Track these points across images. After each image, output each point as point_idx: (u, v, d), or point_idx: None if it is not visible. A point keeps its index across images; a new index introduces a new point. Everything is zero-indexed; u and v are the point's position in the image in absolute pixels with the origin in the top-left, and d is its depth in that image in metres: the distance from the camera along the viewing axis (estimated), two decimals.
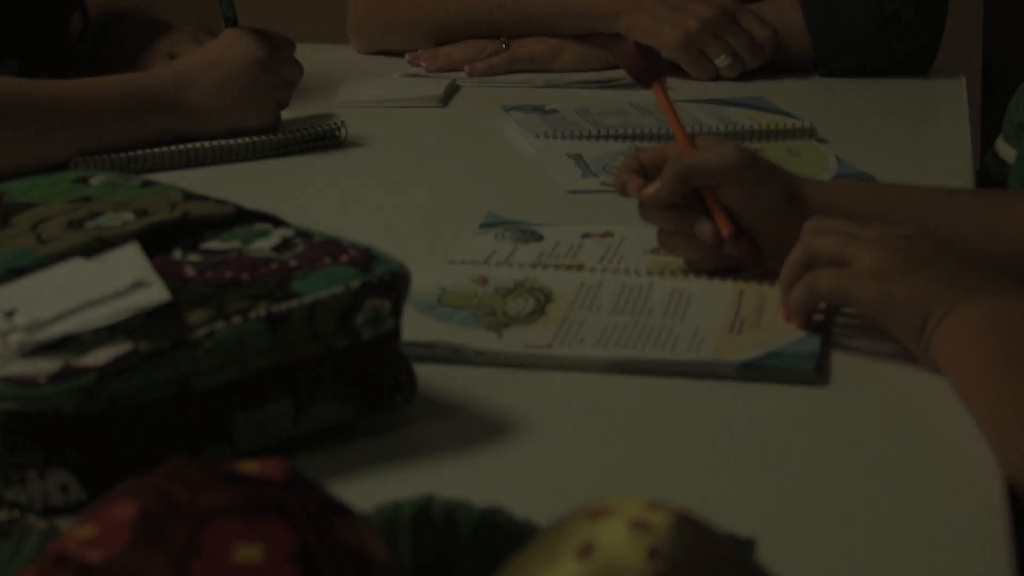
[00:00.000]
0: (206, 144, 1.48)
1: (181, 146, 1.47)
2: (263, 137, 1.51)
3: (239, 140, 1.50)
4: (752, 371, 0.95)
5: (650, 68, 1.16)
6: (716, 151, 1.08)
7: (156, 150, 1.46)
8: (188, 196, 0.96)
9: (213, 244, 0.89)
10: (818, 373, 0.96)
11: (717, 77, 1.80)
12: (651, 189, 1.09)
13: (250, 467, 0.57)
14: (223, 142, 1.49)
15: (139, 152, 1.45)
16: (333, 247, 0.88)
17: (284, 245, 0.88)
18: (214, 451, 0.81)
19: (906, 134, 1.63)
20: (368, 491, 0.74)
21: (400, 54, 1.93)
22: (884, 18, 1.77)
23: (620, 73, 1.78)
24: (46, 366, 0.76)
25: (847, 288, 0.97)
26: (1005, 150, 1.51)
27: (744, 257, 1.09)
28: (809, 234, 1.00)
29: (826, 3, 1.79)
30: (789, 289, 1.01)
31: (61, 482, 0.77)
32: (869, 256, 0.96)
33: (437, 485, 0.71)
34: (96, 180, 1.00)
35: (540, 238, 1.20)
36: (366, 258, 0.86)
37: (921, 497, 0.82)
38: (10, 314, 0.80)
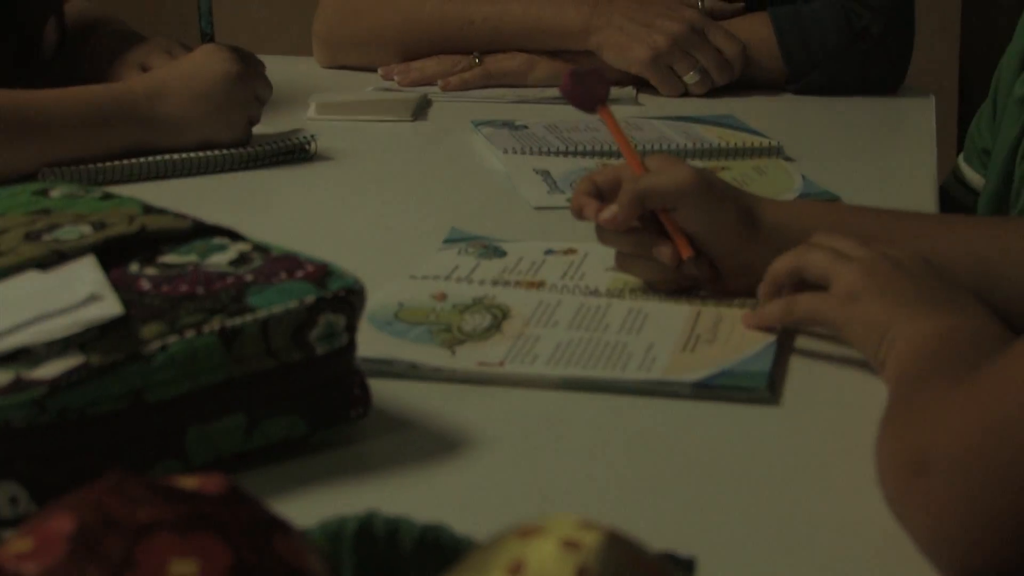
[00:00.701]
0: (176, 156, 1.49)
1: (151, 158, 1.48)
2: (233, 150, 1.51)
3: (209, 153, 1.50)
4: (704, 391, 0.96)
5: (588, 94, 1.16)
6: (670, 173, 1.09)
7: (126, 161, 1.46)
8: (147, 209, 0.96)
9: (170, 258, 0.89)
10: (770, 391, 0.96)
11: (686, 93, 1.81)
12: (607, 213, 1.09)
13: (189, 482, 0.58)
14: (193, 154, 1.49)
15: (109, 163, 1.45)
16: (290, 262, 0.88)
17: (241, 260, 0.89)
18: (166, 465, 0.81)
19: (873, 153, 1.64)
20: (320, 506, 0.74)
21: (364, 69, 1.93)
22: (853, 34, 1.79)
23: None
24: None
25: (821, 312, 1.00)
26: (969, 174, 1.52)
27: (703, 277, 1.10)
28: (805, 246, 1.02)
29: (796, 19, 1.80)
30: (768, 294, 1.03)
31: (10, 494, 0.77)
32: (847, 279, 0.98)
33: (390, 500, 0.71)
34: (56, 192, 1.00)
35: (503, 254, 1.20)
36: (322, 273, 0.87)
37: (871, 518, 0.82)
38: None
